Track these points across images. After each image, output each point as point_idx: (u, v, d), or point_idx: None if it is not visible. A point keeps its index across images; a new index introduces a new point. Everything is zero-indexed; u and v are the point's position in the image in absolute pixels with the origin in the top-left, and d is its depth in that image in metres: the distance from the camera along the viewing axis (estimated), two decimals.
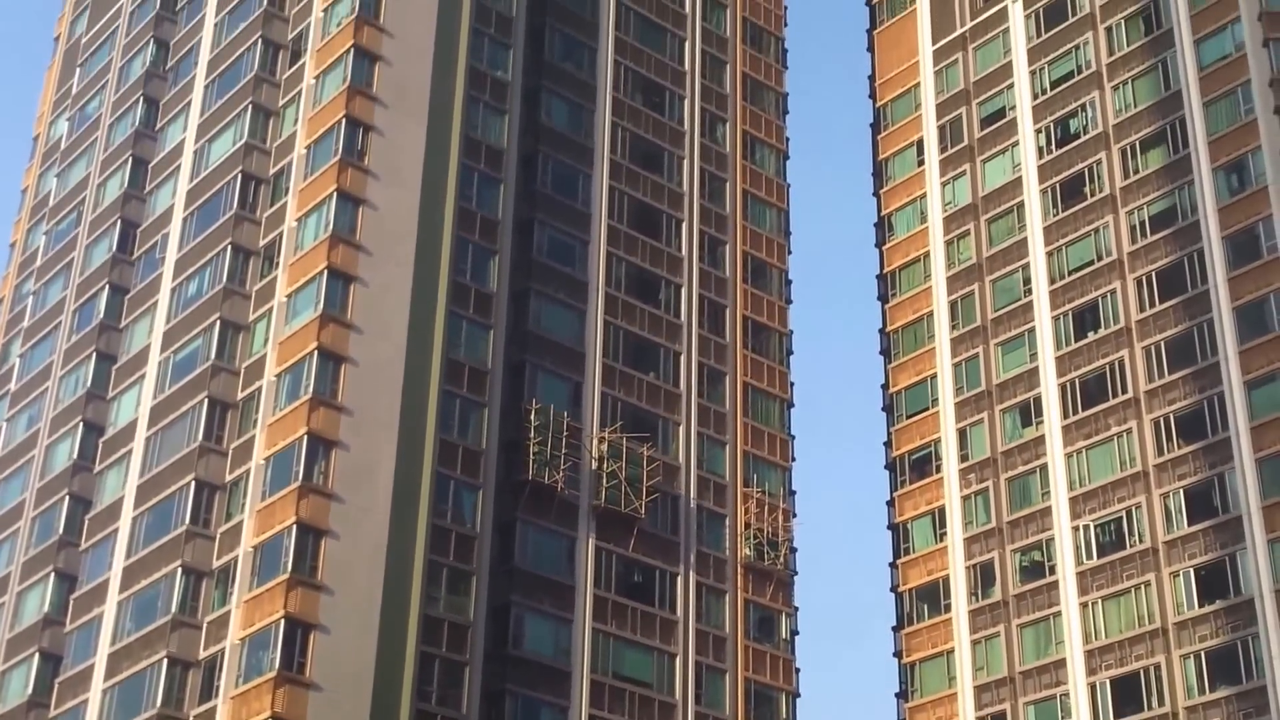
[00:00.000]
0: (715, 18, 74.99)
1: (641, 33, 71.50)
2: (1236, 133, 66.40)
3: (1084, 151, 71.61)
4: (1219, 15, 68.36)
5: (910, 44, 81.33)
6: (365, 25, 62.13)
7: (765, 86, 75.68)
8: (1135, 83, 71.01)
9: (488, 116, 64.16)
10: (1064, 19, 74.58)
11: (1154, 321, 66.71)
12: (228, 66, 67.10)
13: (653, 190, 68.63)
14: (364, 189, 59.40)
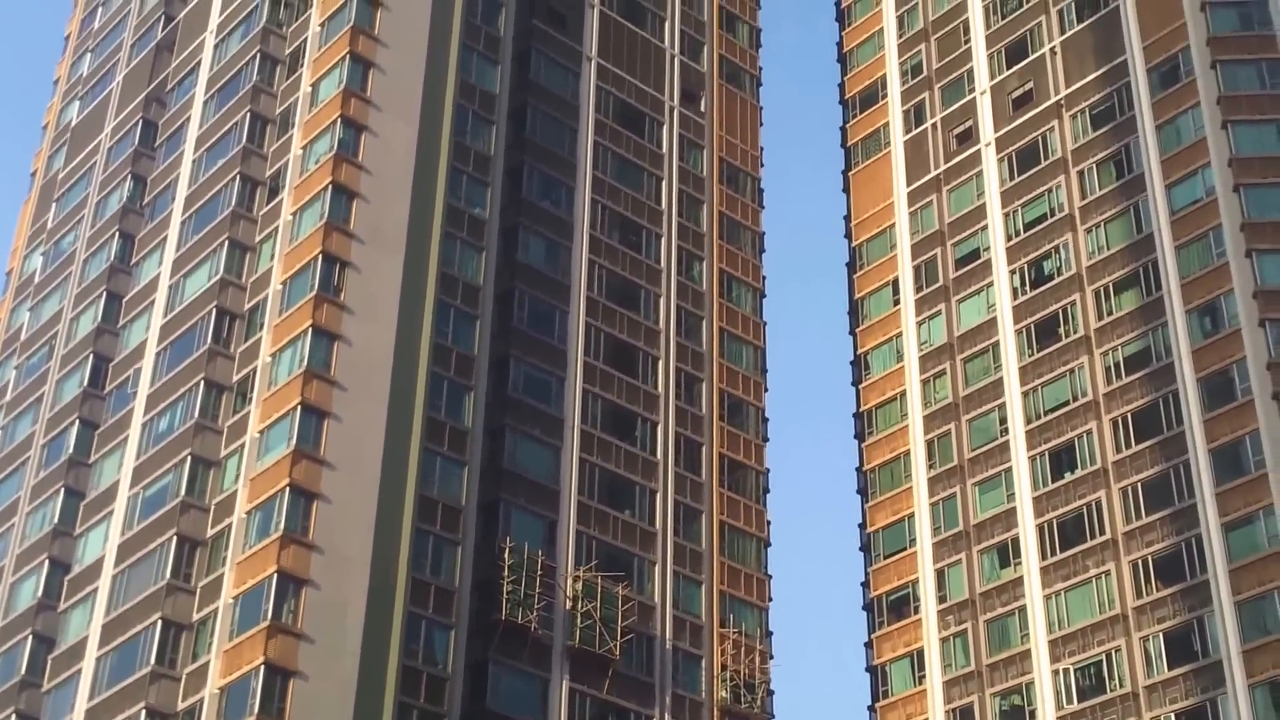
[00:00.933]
0: (692, 157, 75.60)
1: (619, 171, 71.98)
2: (1209, 276, 66.87)
3: (1058, 293, 71.98)
4: (1189, 160, 69.18)
5: (885, 185, 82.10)
6: (344, 163, 62.36)
7: (742, 225, 76.10)
8: (1108, 226, 71.62)
9: (465, 253, 64.21)
10: (1036, 162, 75.40)
11: (1131, 463, 66.58)
12: (205, 202, 67.22)
13: (629, 327, 68.60)
14: (339, 324, 59.17)
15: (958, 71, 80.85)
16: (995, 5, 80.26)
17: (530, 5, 72.23)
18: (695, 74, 78.06)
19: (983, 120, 78.54)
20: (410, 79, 65.56)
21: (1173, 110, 70.64)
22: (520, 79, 70.36)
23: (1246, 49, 70.04)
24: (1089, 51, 75.27)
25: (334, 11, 66.75)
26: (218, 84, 70.65)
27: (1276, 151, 67.81)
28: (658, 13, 77.80)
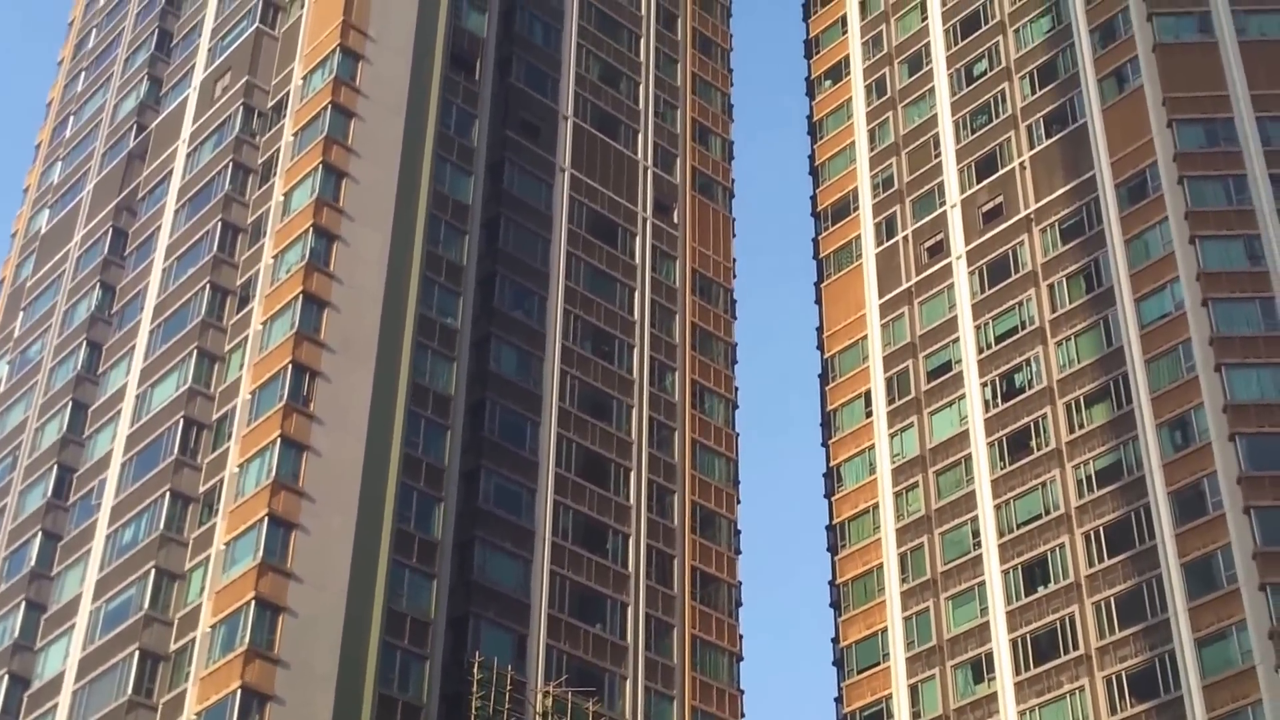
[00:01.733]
0: (665, 268, 75.74)
1: (592, 282, 71.99)
2: (1178, 389, 66.96)
3: (1029, 406, 71.98)
4: (1158, 275, 69.56)
5: (857, 297, 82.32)
6: (315, 272, 62.17)
7: (714, 336, 76.11)
8: (1078, 339, 71.80)
9: (436, 363, 63.92)
10: (1007, 276, 75.75)
11: (1103, 577, 66.21)
12: (174, 311, 66.86)
13: (601, 439, 68.23)
14: (308, 435, 58.64)
15: (928, 185, 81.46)
16: (965, 120, 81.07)
17: (504, 116, 72.62)
18: (668, 185, 78.46)
19: (953, 234, 79.01)
20: (383, 189, 65.64)
21: (1141, 225, 71.16)
22: (493, 189, 70.54)
23: (1213, 165, 70.75)
24: (1058, 166, 75.96)
25: (307, 122, 66.94)
26: (189, 193, 70.61)
27: (1244, 267, 68.27)
28: (631, 125, 78.31)
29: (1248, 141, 70.94)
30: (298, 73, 69.76)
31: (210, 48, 75.94)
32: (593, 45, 78.52)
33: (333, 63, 67.52)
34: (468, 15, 73.42)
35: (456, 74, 71.21)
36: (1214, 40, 74.05)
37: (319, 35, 69.66)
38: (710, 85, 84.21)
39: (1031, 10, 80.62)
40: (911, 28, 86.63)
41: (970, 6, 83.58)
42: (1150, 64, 73.91)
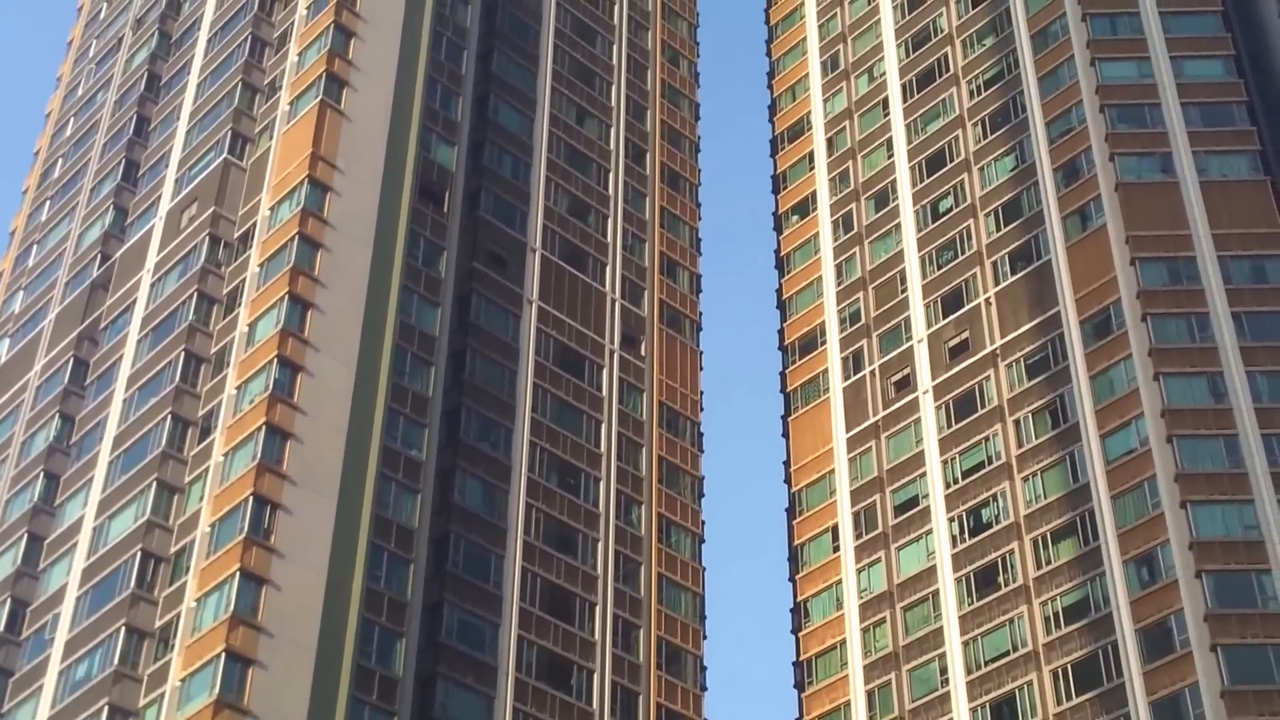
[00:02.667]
0: (632, 401, 75.52)
1: (558, 414, 71.65)
2: (1145, 526, 66.75)
3: (996, 541, 71.60)
4: (1123, 411, 69.68)
5: (824, 431, 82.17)
6: (279, 403, 61.69)
7: (681, 470, 75.69)
8: (1044, 475, 71.66)
9: (400, 495, 63.25)
10: (973, 410, 75.75)
11: (1072, 715, 65.45)
12: (134, 442, 66.14)
13: (566, 572, 67.45)
14: (268, 569, 57.74)
15: (895, 320, 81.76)
16: (931, 256, 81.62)
17: (472, 248, 72.72)
18: (636, 318, 78.50)
19: (920, 368, 79.15)
20: (349, 320, 65.44)
21: (1105, 361, 71.41)
22: (460, 321, 70.41)
23: (1176, 303, 71.27)
24: (1023, 302, 76.39)
25: (274, 253, 66.89)
26: (153, 323, 70.24)
27: (1207, 404, 68.46)
28: (599, 258, 78.54)
29: (1210, 280, 71.56)
30: (265, 203, 69.85)
31: (177, 178, 76.08)
32: (561, 179, 78.99)
33: (301, 194, 67.65)
34: (437, 148, 73.85)
35: (425, 206, 71.45)
36: (1175, 180, 75.01)
37: (287, 166, 69.87)
38: (678, 219, 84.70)
39: (995, 149, 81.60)
40: (877, 165, 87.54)
41: (935, 145, 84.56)
42: (1113, 203, 74.73)
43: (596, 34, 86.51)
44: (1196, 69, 78.72)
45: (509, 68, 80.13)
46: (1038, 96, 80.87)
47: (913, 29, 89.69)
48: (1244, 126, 76.64)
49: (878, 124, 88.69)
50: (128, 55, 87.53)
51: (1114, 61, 79.42)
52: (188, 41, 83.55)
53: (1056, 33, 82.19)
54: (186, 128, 78.05)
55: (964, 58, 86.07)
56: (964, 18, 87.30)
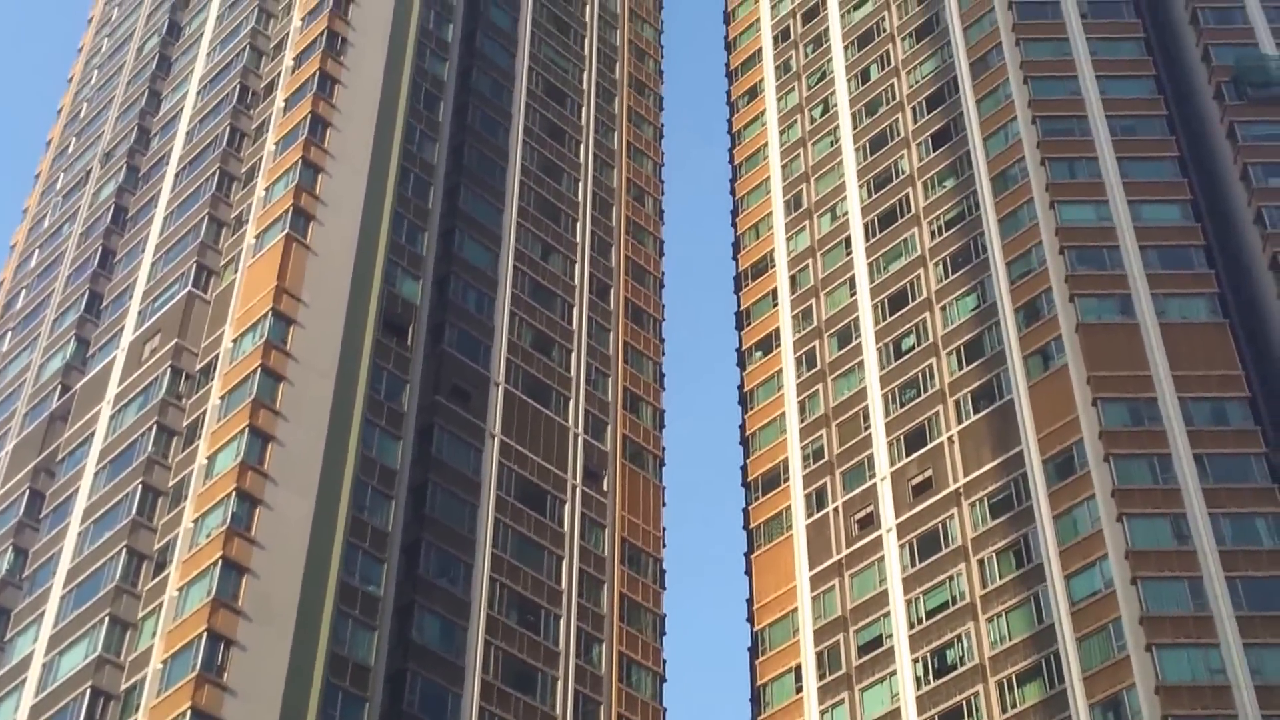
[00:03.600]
0: (593, 537, 74.96)
1: (519, 550, 71.01)
2: (1110, 669, 66.13)
3: (961, 683, 70.80)
4: (1087, 552, 69.31)
5: (787, 569, 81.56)
6: (236, 537, 60.99)
7: (643, 607, 74.97)
8: (1009, 615, 71.11)
9: (356, 632, 62.35)
10: (937, 550, 75.36)
11: None
12: (88, 576, 65.14)
13: (525, 713, 66.39)
14: (220, 707, 56.71)
15: (859, 457, 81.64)
16: (894, 394, 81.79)
17: (435, 382, 72.58)
18: (598, 453, 78.22)
19: (884, 507, 78.86)
20: (309, 453, 64.98)
21: (1069, 502, 71.29)
22: (422, 454, 70.01)
23: (1138, 443, 71.39)
24: (986, 441, 76.44)
25: (235, 385, 66.60)
26: (110, 455, 69.60)
27: (1171, 545, 68.25)
28: (562, 392, 78.47)
29: (1171, 422, 71.78)
30: (228, 336, 69.68)
31: (140, 310, 75.92)
32: (525, 313, 79.16)
33: (264, 327, 67.55)
34: (402, 282, 74.03)
35: (389, 339, 71.40)
36: (1135, 322, 75.57)
37: (252, 299, 69.83)
38: (642, 355, 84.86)
39: (957, 289, 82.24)
40: (841, 302, 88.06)
41: (897, 284, 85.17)
42: (1074, 343, 75.20)
43: (563, 171, 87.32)
44: (1154, 213, 79.76)
45: (475, 203, 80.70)
46: (998, 238, 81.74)
47: (875, 170, 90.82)
48: (1202, 270, 77.51)
49: (840, 262, 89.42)
50: (95, 188, 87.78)
51: (1073, 204, 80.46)
52: (156, 175, 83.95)
53: (1016, 175, 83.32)
54: (151, 260, 78.08)
55: (925, 199, 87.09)
56: (925, 160, 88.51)
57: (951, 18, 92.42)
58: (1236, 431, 71.59)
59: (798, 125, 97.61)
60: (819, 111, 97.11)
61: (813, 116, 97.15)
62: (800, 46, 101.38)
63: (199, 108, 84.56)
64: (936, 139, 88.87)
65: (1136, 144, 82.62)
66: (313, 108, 76.53)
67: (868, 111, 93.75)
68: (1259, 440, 71.06)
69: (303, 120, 76.47)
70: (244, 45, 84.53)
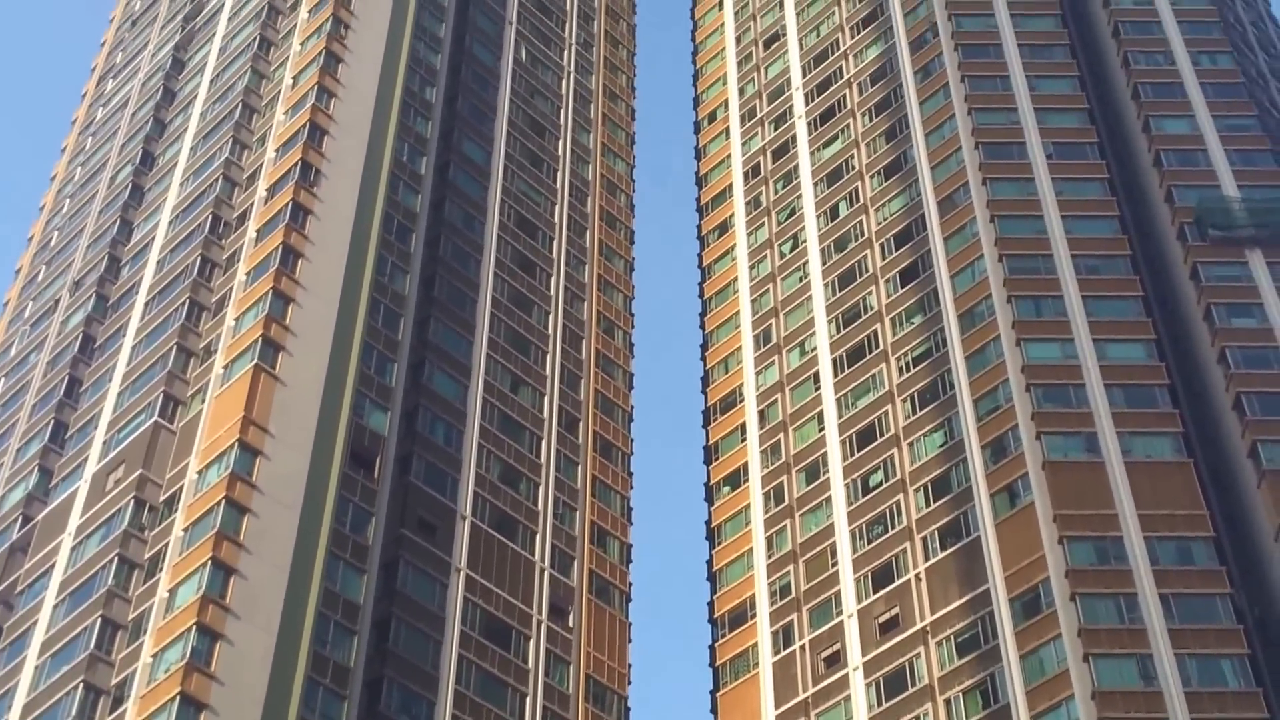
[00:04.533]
0: (558, 673, 74.19)
1: (482, 687, 70.18)
2: None
3: None
4: (1053, 692, 68.64)
5: (753, 707, 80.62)
6: (195, 672, 60.66)
7: None
8: None
9: None
10: (904, 689, 74.65)
11: None
12: (43, 711, 64.02)
13: None
14: None
15: (826, 594, 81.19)
16: (861, 530, 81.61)
17: (401, 514, 72.18)
18: (565, 588, 77.70)
19: (850, 644, 78.28)
20: (272, 586, 64.41)
21: (1035, 641, 70.89)
22: (386, 588, 69.43)
23: (1104, 583, 71.23)
24: (953, 579, 76.16)
25: (199, 517, 66.19)
26: (70, 587, 68.88)
27: (1137, 686, 67.83)
28: (529, 526, 78.10)
29: (1137, 561, 71.70)
30: (193, 467, 69.36)
31: (106, 440, 75.59)
32: (494, 446, 79.02)
33: (230, 458, 67.28)
34: (370, 413, 73.95)
35: (355, 471, 71.12)
36: (1101, 460, 75.80)
37: (218, 430, 69.62)
38: (610, 489, 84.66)
39: (925, 425, 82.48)
40: (809, 438, 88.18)
41: (865, 420, 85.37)
42: (1040, 481, 75.30)
43: (533, 304, 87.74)
44: (1119, 351, 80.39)
45: (445, 335, 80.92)
46: (965, 374, 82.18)
47: (843, 305, 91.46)
48: (1167, 409, 77.97)
49: (809, 398, 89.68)
50: (64, 317, 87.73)
51: (1039, 342, 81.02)
52: (125, 304, 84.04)
53: (983, 313, 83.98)
54: (118, 390, 77.90)
55: (893, 335, 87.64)
56: (893, 296, 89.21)
57: (919, 157, 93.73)
58: (1202, 571, 71.55)
59: (767, 260, 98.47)
60: (788, 247, 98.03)
61: (782, 252, 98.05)
62: (770, 183, 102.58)
63: (170, 237, 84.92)
64: (905, 275, 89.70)
65: (1101, 283, 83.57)
66: (285, 238, 76.91)
67: (836, 248, 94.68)
68: (1224, 580, 71.08)
69: (274, 251, 76.81)
70: (218, 175, 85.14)
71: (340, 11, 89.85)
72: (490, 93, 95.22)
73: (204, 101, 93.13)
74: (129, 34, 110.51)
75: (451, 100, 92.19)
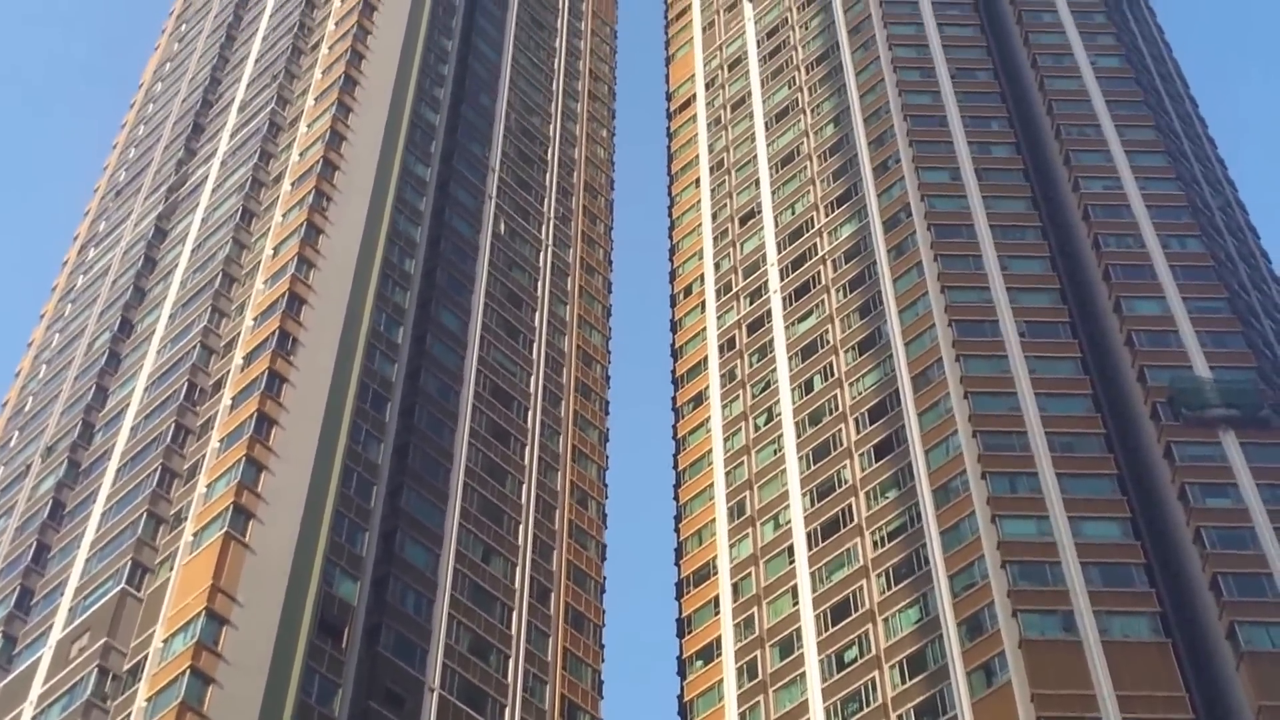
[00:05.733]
0: None
1: None
2: None
3: None
4: None
5: None
6: None
7: None
8: None
9: None
10: None
11: None
12: None
13: None
14: None
15: None
16: (837, 707, 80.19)
17: (368, 685, 71.01)
18: None
19: None
20: None
21: None
22: None
23: None
24: None
25: (164, 686, 65.79)
26: None
27: None
28: (498, 699, 76.85)
29: None
30: (159, 635, 68.36)
31: (72, 607, 74.51)
32: (464, 616, 78.12)
33: (196, 627, 66.41)
34: (340, 582, 73.13)
35: (323, 641, 70.06)
36: (1078, 639, 75.21)
37: (185, 598, 68.77)
38: (581, 661, 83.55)
39: (900, 601, 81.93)
40: (783, 612, 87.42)
41: (840, 594, 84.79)
42: (1017, 660, 74.58)
43: (507, 473, 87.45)
44: (1095, 529, 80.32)
45: (418, 504, 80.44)
46: (940, 550, 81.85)
47: (817, 479, 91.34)
48: (1143, 588, 77.63)
49: (783, 571, 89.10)
50: (34, 482, 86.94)
51: (1014, 519, 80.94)
52: (96, 470, 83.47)
53: (958, 489, 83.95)
54: (86, 556, 77.02)
55: (868, 509, 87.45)
56: (867, 470, 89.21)
57: (893, 333, 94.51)
58: None
59: (742, 433, 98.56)
60: (763, 420, 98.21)
61: (757, 425, 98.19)
62: (745, 356, 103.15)
63: (145, 404, 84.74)
64: (879, 450, 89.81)
65: (1075, 461, 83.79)
66: (259, 406, 76.85)
67: (811, 421, 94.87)
68: None
69: (249, 418, 76.68)
70: (195, 343, 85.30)
71: (323, 185, 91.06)
72: (469, 264, 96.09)
73: (184, 270, 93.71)
74: (113, 203, 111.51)
75: (430, 271, 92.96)
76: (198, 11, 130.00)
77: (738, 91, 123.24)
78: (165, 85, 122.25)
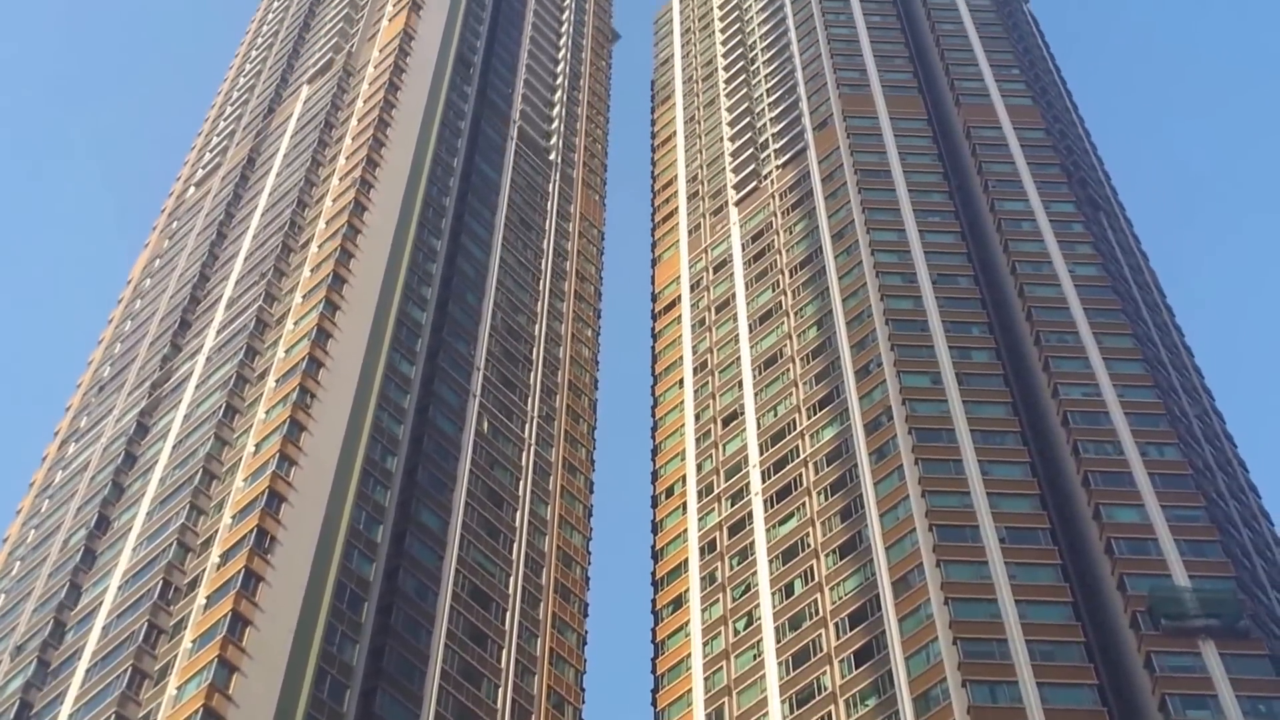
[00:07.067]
0: None
1: None
2: None
3: None
4: None
5: None
6: None
7: None
8: None
9: None
10: None
11: None
12: None
13: None
14: None
15: None
16: None
17: None
18: None
19: None
20: None
21: None
22: None
23: None
24: None
25: None
26: None
27: None
28: None
29: None
30: None
31: None
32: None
33: None
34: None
35: None
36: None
37: None
38: None
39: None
40: None
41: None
42: None
43: (483, 677, 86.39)
44: None
45: (392, 708, 79.51)
46: None
47: (797, 686, 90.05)
48: None
49: None
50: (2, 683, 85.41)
51: None
52: (65, 670, 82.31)
53: (938, 696, 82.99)
54: None
55: (847, 717, 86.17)
56: (847, 677, 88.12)
57: (874, 537, 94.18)
58: None
59: (721, 637, 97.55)
60: (743, 624, 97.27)
61: (736, 629, 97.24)
62: (726, 558, 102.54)
63: (119, 602, 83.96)
64: (859, 656, 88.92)
65: (1055, 669, 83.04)
66: (234, 605, 76.29)
67: (791, 626, 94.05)
68: None
69: (223, 618, 76.04)
70: (172, 540, 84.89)
71: (308, 382, 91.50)
72: (451, 463, 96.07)
73: (165, 466, 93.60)
74: (95, 399, 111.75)
75: (412, 470, 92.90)
76: (190, 209, 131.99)
77: (722, 293, 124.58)
78: (154, 281, 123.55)
